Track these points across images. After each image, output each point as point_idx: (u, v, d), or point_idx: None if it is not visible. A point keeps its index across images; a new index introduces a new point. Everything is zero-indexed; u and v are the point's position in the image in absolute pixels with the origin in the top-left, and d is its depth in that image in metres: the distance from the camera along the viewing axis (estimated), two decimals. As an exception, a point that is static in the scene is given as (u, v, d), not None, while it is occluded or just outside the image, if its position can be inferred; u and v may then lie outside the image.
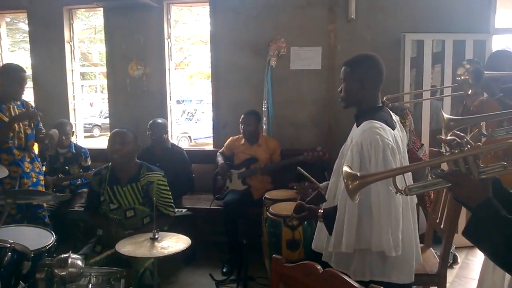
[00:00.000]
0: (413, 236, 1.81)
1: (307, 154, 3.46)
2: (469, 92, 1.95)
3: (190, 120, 12.24)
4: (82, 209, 3.51)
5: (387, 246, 1.64)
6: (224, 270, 3.41)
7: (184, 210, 3.33)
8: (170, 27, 4.49)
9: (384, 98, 2.82)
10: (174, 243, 2.09)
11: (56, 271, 1.63)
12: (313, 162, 3.53)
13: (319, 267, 1.34)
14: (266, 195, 3.08)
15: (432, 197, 3.02)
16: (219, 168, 3.76)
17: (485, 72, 1.92)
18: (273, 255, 1.57)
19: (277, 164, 3.63)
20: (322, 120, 4.12)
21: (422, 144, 3.19)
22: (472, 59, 2.12)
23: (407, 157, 1.93)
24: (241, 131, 3.76)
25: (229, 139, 3.95)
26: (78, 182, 3.76)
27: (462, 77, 1.95)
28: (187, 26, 11.98)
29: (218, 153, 3.94)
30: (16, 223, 2.81)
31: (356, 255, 1.76)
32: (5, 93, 3.03)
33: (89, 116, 13.09)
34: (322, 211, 1.89)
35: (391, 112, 1.97)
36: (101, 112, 13.08)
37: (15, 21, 9.95)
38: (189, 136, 11.27)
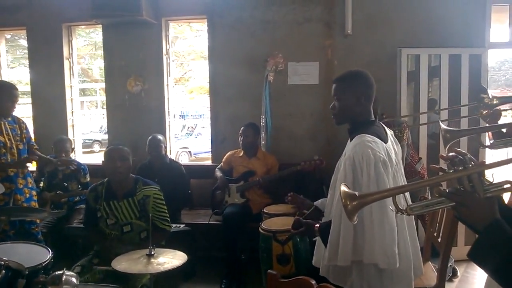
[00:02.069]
0: (409, 247, 1.79)
1: (304, 163, 3.48)
2: (484, 113, 1.97)
3: (190, 135, 12.26)
4: (81, 225, 3.52)
5: (380, 259, 1.63)
6: (223, 285, 3.38)
7: (182, 225, 3.31)
8: (168, 43, 4.54)
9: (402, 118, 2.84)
10: (170, 259, 2.07)
11: (50, 288, 1.62)
12: (311, 173, 3.54)
13: (313, 282, 1.33)
14: (264, 210, 3.07)
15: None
16: (218, 182, 3.76)
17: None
18: (268, 271, 1.56)
19: (276, 175, 3.62)
20: (319, 133, 4.13)
21: (420, 158, 3.19)
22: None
23: (402, 170, 1.93)
24: (240, 143, 3.77)
25: (227, 154, 3.96)
26: (76, 199, 3.74)
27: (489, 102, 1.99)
28: (187, 41, 12.11)
29: (216, 168, 3.95)
30: (9, 239, 2.80)
31: (354, 269, 1.75)
32: None
33: (89, 132, 13.11)
34: (318, 225, 1.88)
35: (384, 126, 1.98)
36: (101, 128, 13.12)
37: (15, 37, 10.05)
38: (189, 151, 11.27)
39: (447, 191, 1.14)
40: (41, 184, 3.61)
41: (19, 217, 2.49)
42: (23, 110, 5.23)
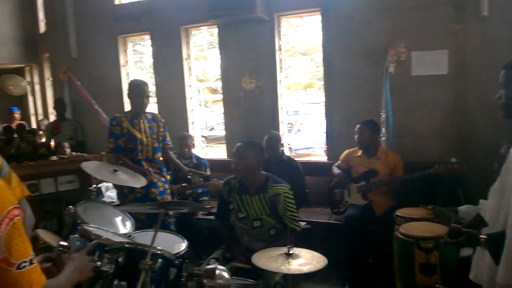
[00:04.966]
0: None
1: (439, 166, 3.11)
2: None
3: (290, 132, 12.28)
4: (205, 217, 3.67)
5: None
6: None
7: (303, 223, 3.25)
8: (280, 39, 4.52)
9: None
10: (309, 260, 2.01)
11: (205, 281, 1.66)
12: (445, 177, 3.19)
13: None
14: (397, 213, 2.84)
15: None
16: (337, 178, 3.61)
17: None
18: (436, 285, 1.41)
19: (406, 177, 3.33)
20: (450, 130, 3.74)
21: None
22: None
23: None
24: (356, 141, 3.58)
25: (344, 152, 3.78)
26: (199, 191, 3.93)
27: None
28: (285, 38, 12.12)
29: (333, 166, 3.80)
30: (146, 227, 2.99)
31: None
32: (134, 107, 3.27)
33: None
34: (485, 236, 1.65)
35: None
36: (206, 125, 13.83)
37: (131, 43, 10.98)
38: (290, 147, 11.28)
39: None
40: (168, 177, 3.85)
41: (176, 210, 2.63)
42: (150, 110, 5.67)
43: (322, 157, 5.55)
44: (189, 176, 3.67)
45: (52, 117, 6.90)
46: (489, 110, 3.40)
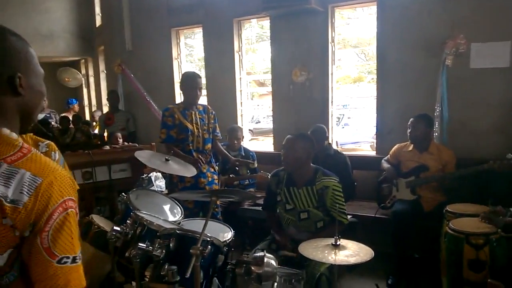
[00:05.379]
0: None
1: (493, 162, 2.96)
2: None
3: (337, 126, 12.08)
4: (251, 207, 3.73)
5: None
6: (389, 282, 3.23)
7: (349, 216, 3.21)
8: (334, 31, 4.44)
9: None
10: (356, 252, 1.99)
11: (253, 268, 1.69)
12: (500, 174, 3.02)
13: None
14: (448, 208, 2.77)
15: None
16: (386, 173, 3.54)
17: None
18: (489, 280, 1.36)
19: (458, 173, 3.19)
20: (509, 126, 3.52)
21: None
22: None
23: None
24: (408, 135, 3.47)
25: (395, 147, 3.68)
26: (246, 182, 3.99)
27: None
28: (337, 30, 11.89)
29: (383, 160, 3.72)
30: (193, 216, 3.08)
31: None
32: (186, 99, 3.35)
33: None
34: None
35: None
36: (252, 118, 13.95)
37: (183, 36, 11.27)
38: (336, 142, 11.10)
39: None
40: (216, 168, 3.94)
41: (226, 198, 2.70)
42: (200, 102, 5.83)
43: (369, 152, 5.45)
44: (236, 168, 3.73)
45: (105, 109, 7.22)
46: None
